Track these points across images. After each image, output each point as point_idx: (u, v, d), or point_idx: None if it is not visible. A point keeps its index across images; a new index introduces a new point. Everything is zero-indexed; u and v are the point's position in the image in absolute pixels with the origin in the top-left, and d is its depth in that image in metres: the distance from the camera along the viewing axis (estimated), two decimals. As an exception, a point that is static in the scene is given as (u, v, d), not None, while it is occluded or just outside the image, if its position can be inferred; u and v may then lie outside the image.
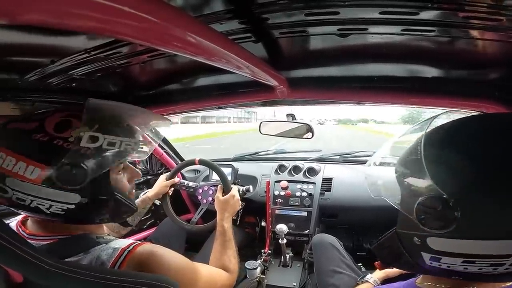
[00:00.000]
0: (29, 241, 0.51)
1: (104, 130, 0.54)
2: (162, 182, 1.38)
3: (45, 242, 0.54)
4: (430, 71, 0.82)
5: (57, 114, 0.54)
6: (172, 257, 0.61)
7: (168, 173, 1.44)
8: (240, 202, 1.18)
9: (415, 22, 0.52)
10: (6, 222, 0.58)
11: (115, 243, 0.57)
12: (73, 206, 0.52)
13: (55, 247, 0.53)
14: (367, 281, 1.00)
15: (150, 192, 1.32)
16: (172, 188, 1.44)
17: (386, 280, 1.00)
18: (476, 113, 0.95)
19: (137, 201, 1.23)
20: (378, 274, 1.01)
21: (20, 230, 0.57)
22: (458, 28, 0.54)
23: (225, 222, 1.01)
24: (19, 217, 0.61)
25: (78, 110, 0.55)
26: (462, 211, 0.36)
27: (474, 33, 0.55)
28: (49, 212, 0.51)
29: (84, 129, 0.51)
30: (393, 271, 0.99)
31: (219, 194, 1.18)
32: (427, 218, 0.39)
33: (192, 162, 1.45)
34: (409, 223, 0.42)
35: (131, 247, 0.56)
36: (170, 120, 0.77)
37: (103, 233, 0.64)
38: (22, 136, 0.51)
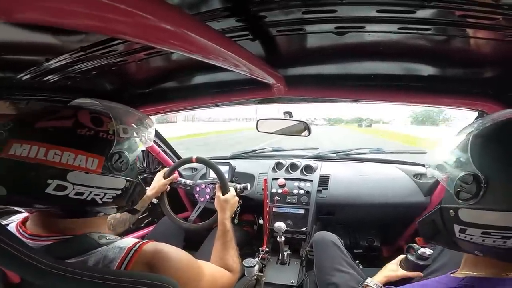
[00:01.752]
0: (30, 241, 0.52)
1: (125, 123, 0.62)
2: (160, 180, 1.38)
3: (47, 243, 0.53)
4: (426, 70, 0.83)
5: (83, 111, 0.56)
6: (178, 255, 0.61)
7: (165, 170, 1.44)
8: (238, 200, 1.19)
9: (412, 20, 0.52)
10: (3, 222, 0.58)
11: (120, 242, 0.57)
12: (119, 192, 0.58)
13: (57, 248, 0.52)
14: (367, 285, 0.96)
15: (149, 191, 1.31)
16: (169, 186, 1.43)
17: (387, 284, 0.97)
18: (473, 111, 0.96)
19: None
20: (379, 278, 0.98)
21: (21, 230, 0.56)
22: (455, 27, 0.54)
23: (226, 221, 1.02)
24: (19, 218, 0.61)
25: (89, 108, 0.60)
26: (487, 186, 0.44)
27: (471, 31, 0.56)
28: (101, 201, 0.55)
29: (115, 123, 0.58)
30: (395, 274, 0.98)
31: (219, 193, 1.17)
32: (461, 191, 0.48)
33: (189, 160, 1.45)
34: (450, 198, 0.51)
35: (137, 246, 0.56)
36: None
37: (106, 232, 0.63)
38: (67, 132, 0.52)
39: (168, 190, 1.44)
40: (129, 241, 0.58)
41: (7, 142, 0.49)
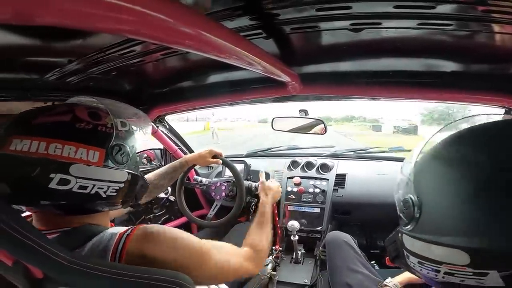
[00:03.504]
0: None
1: (122, 117, 0.62)
2: (207, 154, 1.31)
3: (52, 236, 0.53)
4: (448, 65, 0.80)
5: (80, 107, 0.57)
6: (172, 233, 0.58)
7: (216, 151, 1.37)
8: (280, 195, 1.22)
9: (432, 16, 0.50)
10: None
11: (114, 229, 0.57)
12: (122, 185, 0.58)
13: (61, 240, 0.52)
14: (386, 285, 0.94)
15: (189, 156, 1.28)
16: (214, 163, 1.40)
17: (408, 285, 0.94)
18: (499, 109, 0.91)
19: (174, 162, 1.22)
20: (399, 278, 0.95)
21: None
22: (478, 22, 0.51)
23: (266, 204, 1.03)
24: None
25: (85, 104, 0.61)
26: (420, 212, 0.41)
27: (495, 27, 0.53)
28: (105, 195, 0.55)
29: (113, 117, 0.58)
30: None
31: (263, 179, 1.20)
32: (401, 215, 0.46)
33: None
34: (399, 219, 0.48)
35: (129, 230, 0.55)
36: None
37: (106, 225, 0.63)
38: (66, 127, 0.52)
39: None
40: (122, 228, 0.57)
41: (7, 139, 0.49)
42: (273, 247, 1.61)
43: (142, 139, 0.66)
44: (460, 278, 0.38)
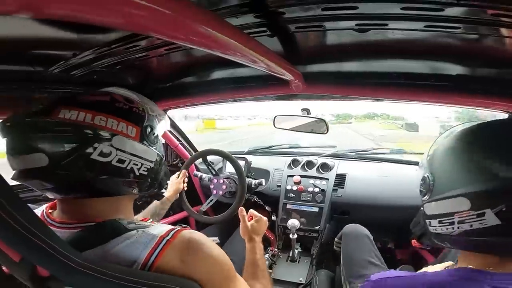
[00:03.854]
0: (59, 230, 0.53)
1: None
2: (174, 181, 1.38)
3: (76, 230, 0.53)
4: (455, 69, 0.79)
5: (115, 93, 0.60)
6: (215, 250, 0.57)
7: (176, 174, 1.43)
8: (267, 220, 0.99)
9: (440, 18, 0.50)
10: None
11: (154, 229, 0.54)
12: (152, 165, 0.61)
13: (86, 235, 0.52)
14: None
15: (167, 193, 1.32)
16: (185, 184, 1.44)
17: None
18: (503, 113, 0.91)
19: (157, 203, 1.26)
20: None
21: (49, 219, 0.56)
22: (487, 26, 0.51)
23: (257, 250, 0.86)
24: (43, 206, 0.61)
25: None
26: (434, 181, 0.54)
27: (504, 31, 0.52)
28: (138, 173, 0.58)
29: (143, 103, 0.63)
30: None
31: (246, 223, 0.94)
32: (422, 189, 0.58)
33: (199, 155, 1.49)
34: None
35: (171, 234, 0.53)
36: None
37: (134, 218, 0.63)
38: (107, 104, 0.56)
39: (186, 188, 1.45)
40: (163, 228, 0.56)
41: (55, 109, 0.51)
42: (269, 248, 1.62)
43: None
44: (469, 223, 0.47)
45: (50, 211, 0.59)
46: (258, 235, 0.92)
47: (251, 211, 1.00)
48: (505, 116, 0.93)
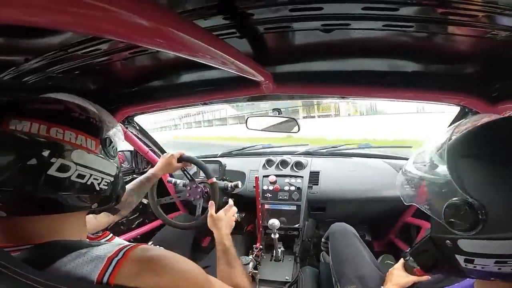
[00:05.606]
0: None
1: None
2: (165, 157, 1.26)
3: (15, 254, 0.46)
4: (410, 66, 0.85)
5: (67, 101, 0.55)
6: (178, 263, 0.52)
7: (178, 153, 1.32)
8: (236, 215, 1.09)
9: (395, 17, 0.53)
10: None
11: (97, 250, 0.48)
12: (112, 179, 0.57)
13: (23, 259, 0.45)
14: None
15: (154, 169, 1.23)
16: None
17: None
18: (457, 107, 0.99)
19: (141, 178, 1.16)
20: (392, 287, 0.92)
21: None
22: (437, 24, 0.55)
23: (225, 240, 0.91)
24: None
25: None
26: (486, 213, 0.38)
27: (452, 28, 0.57)
28: (99, 188, 0.54)
29: (99, 112, 0.59)
30: (406, 281, 0.91)
31: (212, 212, 1.04)
32: (455, 221, 0.41)
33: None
34: (440, 226, 0.44)
35: (121, 254, 0.47)
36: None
37: (84, 239, 0.57)
38: (63, 114, 0.51)
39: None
40: (110, 248, 0.49)
41: (4, 117, 0.46)
42: (254, 246, 1.62)
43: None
44: None
45: None
46: (222, 222, 1.00)
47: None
48: (456, 109, 1.01)
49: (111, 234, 0.68)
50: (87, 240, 0.58)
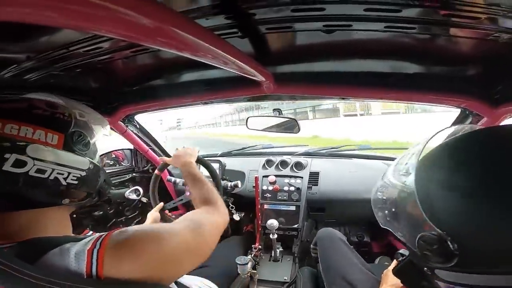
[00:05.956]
0: None
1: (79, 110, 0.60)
2: (153, 215, 1.23)
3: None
4: (412, 67, 0.85)
5: (37, 99, 0.55)
6: (145, 239, 0.50)
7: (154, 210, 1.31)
8: (195, 152, 1.14)
9: (397, 19, 0.53)
10: None
11: (79, 244, 0.47)
12: (84, 173, 0.55)
13: (13, 254, 0.45)
14: None
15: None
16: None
17: None
18: (458, 109, 0.99)
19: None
20: None
21: None
22: (439, 26, 0.55)
23: (187, 166, 0.98)
24: None
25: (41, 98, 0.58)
26: (460, 246, 0.35)
27: (454, 30, 0.57)
28: (65, 182, 0.52)
29: (71, 107, 0.57)
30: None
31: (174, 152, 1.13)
32: (429, 253, 0.38)
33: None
34: (416, 254, 0.41)
35: (98, 244, 0.46)
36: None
37: (63, 232, 0.56)
38: (23, 111, 0.51)
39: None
40: (87, 240, 0.48)
41: None
42: (253, 246, 1.62)
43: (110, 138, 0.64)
44: None
45: None
46: (181, 153, 1.08)
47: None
48: (458, 111, 1.01)
49: (91, 232, 0.64)
50: (72, 235, 0.57)
